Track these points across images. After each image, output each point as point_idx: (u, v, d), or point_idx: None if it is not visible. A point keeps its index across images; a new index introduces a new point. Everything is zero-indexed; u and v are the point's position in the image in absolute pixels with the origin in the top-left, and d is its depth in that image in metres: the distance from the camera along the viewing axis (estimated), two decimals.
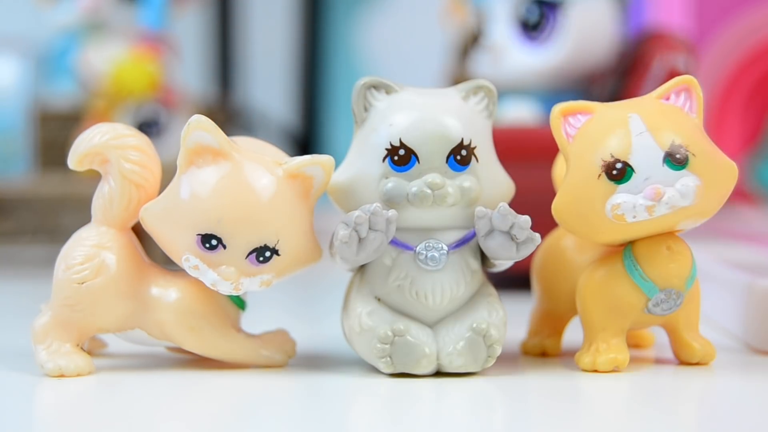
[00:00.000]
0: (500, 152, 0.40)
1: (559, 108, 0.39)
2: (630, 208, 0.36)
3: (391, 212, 0.37)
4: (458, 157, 0.38)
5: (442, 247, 0.38)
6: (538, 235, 0.37)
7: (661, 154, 0.36)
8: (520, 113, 0.62)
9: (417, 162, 0.38)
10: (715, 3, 0.87)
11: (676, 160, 0.36)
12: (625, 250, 0.38)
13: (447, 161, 0.38)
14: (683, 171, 0.36)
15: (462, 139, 0.38)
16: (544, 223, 0.40)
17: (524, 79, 0.63)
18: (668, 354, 0.40)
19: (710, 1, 0.88)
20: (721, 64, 0.87)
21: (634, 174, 0.36)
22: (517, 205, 0.38)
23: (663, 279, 0.38)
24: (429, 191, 0.37)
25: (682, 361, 0.40)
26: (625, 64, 0.62)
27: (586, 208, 0.37)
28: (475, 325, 0.37)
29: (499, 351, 0.38)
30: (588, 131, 0.38)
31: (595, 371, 0.38)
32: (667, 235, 0.38)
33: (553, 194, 0.38)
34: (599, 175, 0.37)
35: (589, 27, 0.62)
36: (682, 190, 0.36)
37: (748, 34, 0.87)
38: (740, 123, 0.88)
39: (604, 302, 0.38)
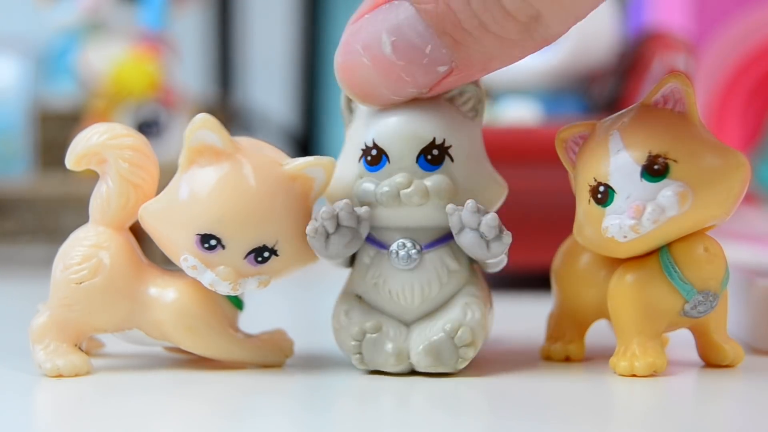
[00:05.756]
0: (500, 152, 0.40)
1: (560, 134, 0.38)
2: (617, 230, 0.36)
3: (364, 209, 0.37)
4: (429, 157, 0.38)
5: (414, 246, 0.38)
6: (509, 234, 0.37)
7: (638, 169, 0.36)
8: (520, 113, 0.62)
9: (388, 162, 0.38)
10: (715, 3, 0.87)
11: (653, 172, 0.36)
12: (662, 253, 0.37)
13: (417, 161, 0.38)
14: (664, 181, 0.36)
15: (434, 139, 0.38)
16: (544, 224, 0.40)
17: (524, 79, 0.63)
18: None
19: (710, 1, 0.87)
20: (721, 64, 0.87)
21: (616, 195, 0.36)
22: (517, 206, 0.38)
23: (701, 281, 0.37)
24: (396, 191, 0.37)
25: (711, 364, 0.39)
26: (625, 64, 0.62)
27: (591, 231, 0.37)
28: (447, 326, 0.37)
29: (471, 353, 0.37)
30: (582, 155, 0.38)
31: (633, 376, 0.37)
32: (703, 236, 0.37)
33: (554, 194, 0.38)
34: (589, 201, 0.37)
35: (589, 27, 0.62)
36: (663, 202, 0.35)
37: (748, 34, 0.87)
38: (740, 123, 0.88)
39: (640, 305, 0.37)
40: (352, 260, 0.39)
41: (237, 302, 0.39)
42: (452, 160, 0.38)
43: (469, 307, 0.38)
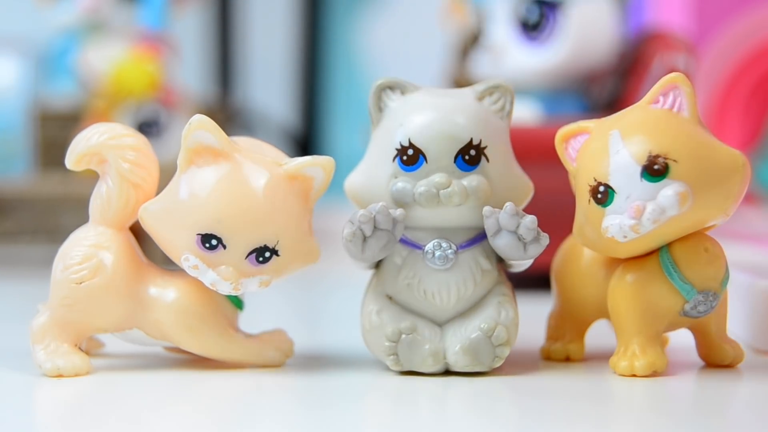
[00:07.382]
0: None
1: (560, 134, 0.39)
2: (617, 230, 0.36)
3: (399, 212, 0.37)
4: (466, 157, 0.38)
5: (450, 246, 0.38)
6: (546, 236, 0.37)
7: (638, 169, 0.36)
8: (520, 113, 0.62)
9: (425, 162, 0.38)
10: (715, 3, 0.87)
11: (653, 172, 0.36)
12: (662, 253, 0.37)
13: (455, 161, 0.38)
14: (664, 181, 0.36)
15: (471, 139, 0.38)
16: (544, 224, 0.40)
17: (524, 79, 0.63)
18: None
19: (710, 1, 0.87)
20: (721, 64, 0.87)
21: (616, 195, 0.36)
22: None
23: (701, 281, 0.37)
24: (435, 191, 0.37)
25: (711, 364, 0.39)
26: (625, 64, 0.62)
27: (591, 231, 0.37)
28: (483, 325, 0.37)
29: (507, 352, 0.37)
30: (582, 155, 0.38)
31: (633, 376, 0.37)
32: (703, 237, 0.37)
33: (554, 194, 0.38)
34: (589, 201, 0.37)
35: (589, 27, 0.62)
36: (663, 202, 0.35)
37: (748, 34, 0.87)
38: (740, 123, 0.88)
39: (640, 305, 0.37)
40: (377, 261, 0.39)
41: (237, 302, 0.39)
42: (488, 160, 0.38)
43: (503, 306, 0.38)
